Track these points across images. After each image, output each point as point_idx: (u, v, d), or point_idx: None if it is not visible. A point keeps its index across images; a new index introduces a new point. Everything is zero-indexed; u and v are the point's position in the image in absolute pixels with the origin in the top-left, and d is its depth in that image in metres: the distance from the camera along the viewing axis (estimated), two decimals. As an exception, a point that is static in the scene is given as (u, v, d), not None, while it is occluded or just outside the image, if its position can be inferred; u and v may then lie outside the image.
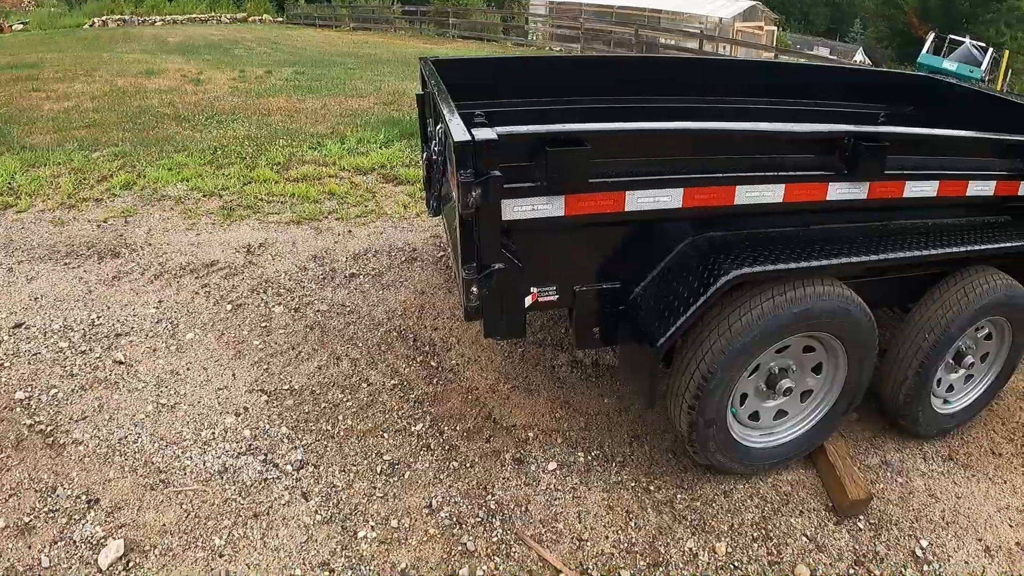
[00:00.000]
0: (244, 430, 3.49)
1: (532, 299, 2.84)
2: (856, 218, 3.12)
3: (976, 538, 3.10)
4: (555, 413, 3.69)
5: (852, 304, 2.94)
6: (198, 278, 5.04)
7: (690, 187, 2.70)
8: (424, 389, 3.85)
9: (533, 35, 31.05)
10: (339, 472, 3.25)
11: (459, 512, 3.06)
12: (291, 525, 2.96)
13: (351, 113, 10.71)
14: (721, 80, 5.24)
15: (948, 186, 3.15)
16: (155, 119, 9.98)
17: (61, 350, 4.12)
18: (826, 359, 3.18)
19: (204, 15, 36.75)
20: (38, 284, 4.92)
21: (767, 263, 2.71)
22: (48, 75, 13.72)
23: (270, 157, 8.00)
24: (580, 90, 4.76)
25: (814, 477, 3.35)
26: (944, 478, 3.43)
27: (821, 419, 3.29)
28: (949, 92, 5.32)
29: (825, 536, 3.04)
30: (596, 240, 2.84)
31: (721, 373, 2.79)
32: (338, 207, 6.52)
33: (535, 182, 2.53)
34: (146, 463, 3.27)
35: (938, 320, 3.22)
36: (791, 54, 25.06)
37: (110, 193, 6.74)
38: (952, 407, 3.65)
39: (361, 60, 18.70)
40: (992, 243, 3.23)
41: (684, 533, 3.00)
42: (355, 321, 4.50)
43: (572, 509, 3.10)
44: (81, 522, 2.93)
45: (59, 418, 3.55)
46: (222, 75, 14.46)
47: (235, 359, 4.07)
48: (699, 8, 33.19)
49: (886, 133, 3.06)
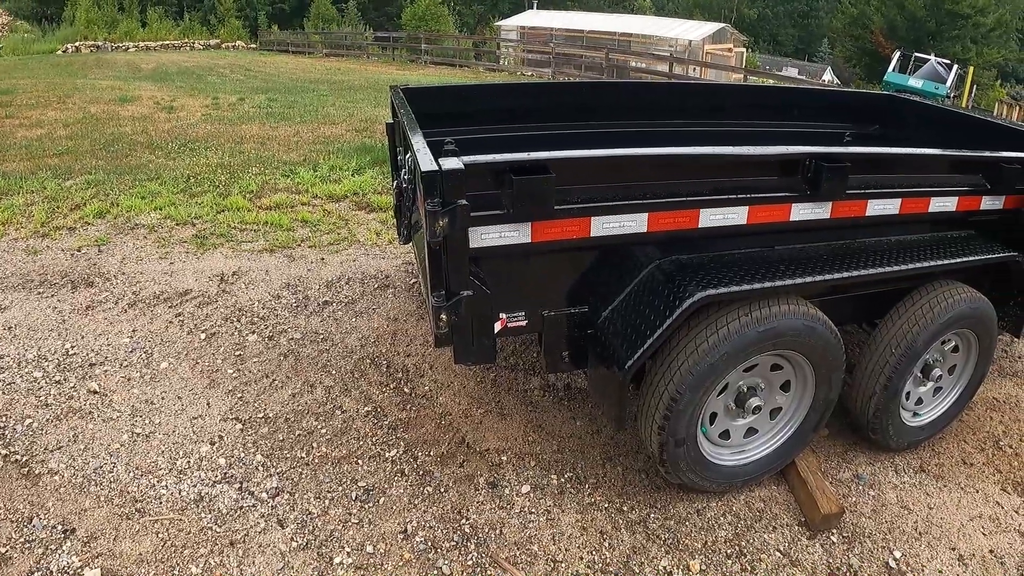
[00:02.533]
0: (219, 458, 3.49)
1: (501, 325, 2.87)
2: (820, 237, 3.18)
3: (949, 547, 3.15)
4: (528, 436, 3.71)
5: (817, 322, 2.98)
6: (172, 307, 5.03)
7: (655, 211, 2.76)
8: (398, 415, 3.86)
9: (505, 60, 31.33)
10: (314, 499, 3.25)
11: (434, 536, 3.07)
12: (267, 552, 2.96)
13: (324, 140, 10.73)
14: (688, 103, 5.32)
15: (910, 203, 3.23)
16: (128, 147, 9.94)
17: (35, 380, 4.09)
18: (794, 377, 3.22)
19: (177, 41, 36.73)
20: (11, 313, 4.89)
21: (731, 284, 2.76)
22: (21, 101, 13.62)
23: (243, 185, 7.99)
24: (550, 115, 4.82)
25: (787, 493, 3.39)
26: (916, 489, 3.48)
27: (791, 436, 3.33)
28: (913, 110, 5.44)
29: (799, 551, 3.08)
30: (563, 265, 2.89)
31: (690, 393, 2.83)
32: (311, 235, 6.52)
33: (502, 210, 2.58)
34: (122, 492, 3.26)
35: (904, 335, 3.28)
36: (760, 75, 25.37)
37: (83, 222, 6.70)
38: (922, 419, 3.71)
39: (334, 87, 18.72)
40: (955, 258, 3.30)
41: (658, 552, 3.03)
42: (329, 349, 4.51)
43: (546, 531, 3.11)
44: (58, 552, 2.92)
45: (34, 448, 3.53)
46: (195, 102, 14.43)
47: (209, 388, 4.07)
48: (669, 31, 33.65)
49: (846, 153, 3.13)
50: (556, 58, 27.01)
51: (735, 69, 28.22)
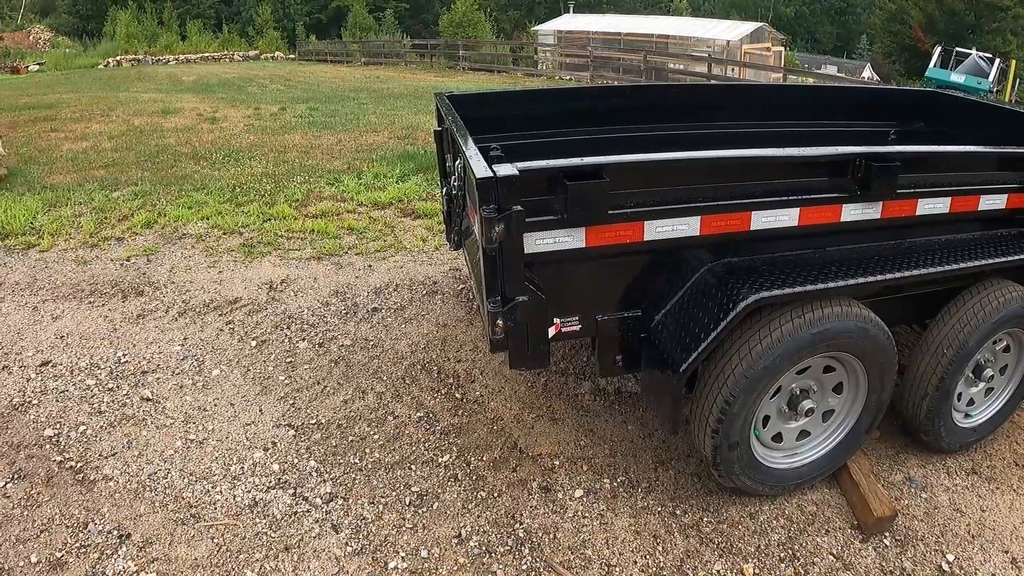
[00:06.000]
0: (273, 464, 3.55)
1: (555, 330, 2.89)
2: (871, 238, 3.16)
3: (1002, 550, 3.10)
4: (580, 441, 3.72)
5: (869, 323, 2.96)
6: (222, 315, 5.12)
7: (707, 214, 2.76)
8: (450, 421, 3.89)
9: (542, 65, 31.33)
10: (368, 504, 3.29)
11: (488, 541, 3.09)
12: (322, 557, 3.00)
13: (367, 148, 10.82)
14: (731, 104, 5.31)
15: (960, 201, 3.20)
16: (173, 158, 10.13)
17: (88, 387, 4.19)
18: (846, 379, 3.20)
19: (217, 53, 37.33)
20: (63, 322, 5.01)
21: (784, 286, 2.75)
22: (66, 115, 13.93)
23: (288, 194, 8.11)
24: (593, 119, 4.82)
25: (839, 496, 3.36)
26: (968, 492, 3.43)
27: (843, 438, 3.30)
28: (957, 106, 5.36)
29: (852, 554, 3.05)
30: (617, 270, 2.90)
31: (743, 396, 2.82)
32: (357, 242, 6.60)
33: (556, 215, 2.59)
34: (176, 498, 3.32)
35: (955, 335, 3.24)
36: (799, 73, 25.12)
37: (131, 232, 6.85)
38: (974, 421, 3.66)
39: (374, 95, 18.87)
40: (1005, 256, 3.26)
41: (712, 556, 3.03)
42: (379, 355, 4.56)
43: (600, 535, 3.12)
44: (113, 557, 2.98)
45: (88, 454, 3.61)
46: (237, 113, 14.65)
47: (261, 395, 4.13)
48: (706, 32, 33.50)
49: (896, 153, 3.10)
50: (594, 62, 26.98)
51: (774, 68, 28.01)
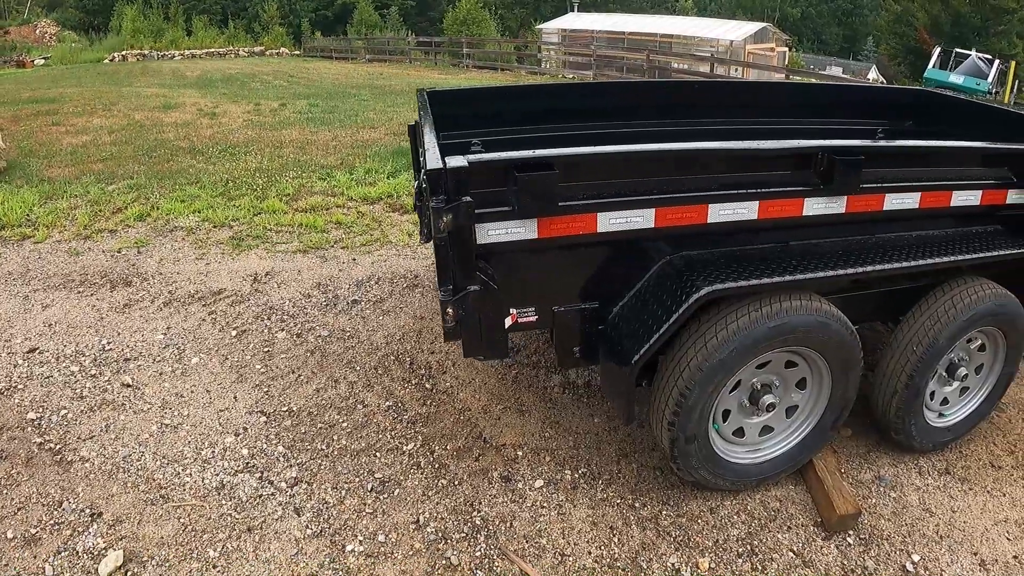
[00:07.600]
0: (242, 449, 3.60)
1: (512, 320, 2.91)
2: (839, 232, 3.15)
3: (971, 552, 3.09)
4: (545, 433, 3.74)
5: (831, 318, 2.95)
6: (205, 305, 5.17)
7: (662, 207, 2.76)
8: (417, 410, 3.92)
9: (546, 63, 31.35)
10: (331, 489, 3.33)
11: (445, 528, 3.12)
12: (283, 539, 3.06)
13: (361, 144, 10.86)
14: (721, 101, 5.29)
15: (931, 197, 3.16)
16: (170, 152, 10.18)
17: (72, 374, 4.26)
18: (810, 374, 3.19)
19: (222, 49, 37.30)
20: (52, 311, 5.08)
21: (740, 279, 2.75)
22: (68, 109, 13.99)
23: (280, 188, 8.16)
24: (581, 116, 4.83)
25: (804, 493, 3.36)
26: (940, 492, 3.42)
27: (808, 434, 3.30)
28: (946, 105, 5.36)
29: (812, 551, 3.06)
30: (572, 261, 2.90)
31: (699, 389, 2.83)
32: (344, 236, 6.64)
33: (508, 207, 2.61)
34: (148, 479, 3.39)
35: (925, 332, 3.21)
36: (801, 74, 25.03)
37: (124, 224, 6.91)
38: (948, 420, 3.63)
39: (375, 91, 18.89)
40: (977, 253, 3.22)
41: (667, 549, 3.04)
42: (354, 346, 4.60)
43: (556, 525, 3.14)
44: (84, 534, 3.07)
45: (68, 437, 3.69)
46: (237, 108, 14.70)
47: (237, 382, 4.18)
48: (710, 32, 33.38)
49: (859, 147, 3.08)
50: (597, 60, 26.98)
51: (777, 69, 27.91)
